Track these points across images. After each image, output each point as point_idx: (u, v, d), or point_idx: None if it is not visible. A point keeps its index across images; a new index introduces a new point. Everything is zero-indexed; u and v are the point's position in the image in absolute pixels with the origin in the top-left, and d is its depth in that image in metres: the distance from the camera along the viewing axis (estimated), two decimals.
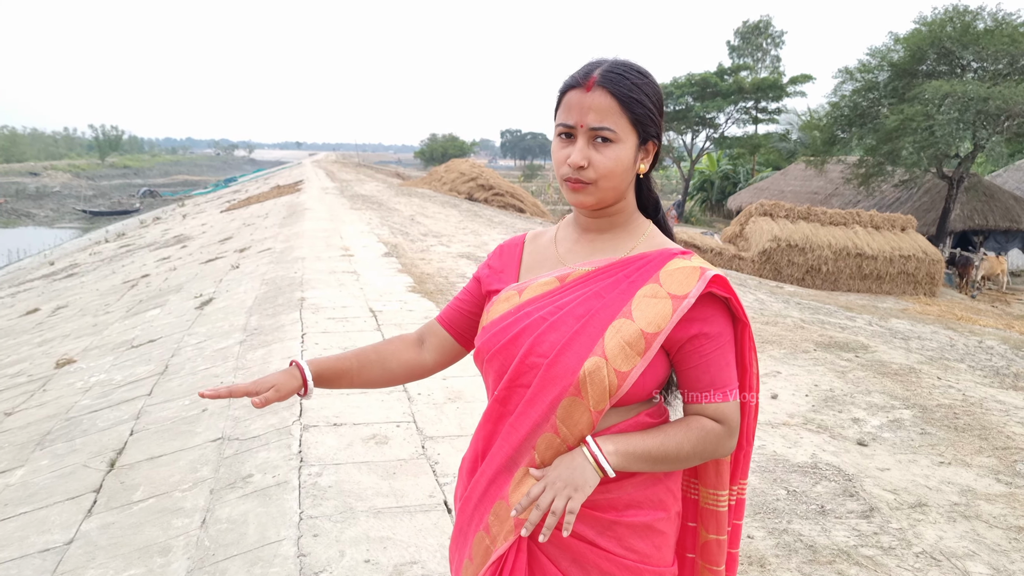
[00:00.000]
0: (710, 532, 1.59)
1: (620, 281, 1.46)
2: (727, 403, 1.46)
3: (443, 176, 31.98)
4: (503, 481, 1.49)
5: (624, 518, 1.45)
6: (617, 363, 1.39)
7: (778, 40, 51.06)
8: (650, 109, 1.46)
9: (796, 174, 33.07)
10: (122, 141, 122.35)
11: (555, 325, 1.44)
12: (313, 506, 3.37)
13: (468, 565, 1.55)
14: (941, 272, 17.99)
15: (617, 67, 1.45)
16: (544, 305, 1.49)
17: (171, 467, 4.05)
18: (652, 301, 1.42)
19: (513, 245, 1.73)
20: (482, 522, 1.51)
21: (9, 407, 5.92)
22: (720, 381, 1.45)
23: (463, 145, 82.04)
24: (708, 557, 1.61)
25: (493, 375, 1.54)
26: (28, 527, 3.67)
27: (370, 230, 14.42)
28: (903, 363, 6.63)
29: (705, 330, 1.43)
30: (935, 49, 22.51)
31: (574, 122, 1.44)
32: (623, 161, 1.45)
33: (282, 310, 7.19)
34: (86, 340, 7.97)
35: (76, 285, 14.33)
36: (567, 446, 1.43)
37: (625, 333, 1.40)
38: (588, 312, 1.44)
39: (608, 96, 1.43)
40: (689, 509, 1.63)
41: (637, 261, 1.49)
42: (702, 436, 1.44)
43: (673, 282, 1.43)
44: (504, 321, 1.52)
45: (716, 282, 1.43)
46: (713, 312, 1.45)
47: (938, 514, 3.67)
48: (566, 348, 1.41)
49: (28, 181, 66.62)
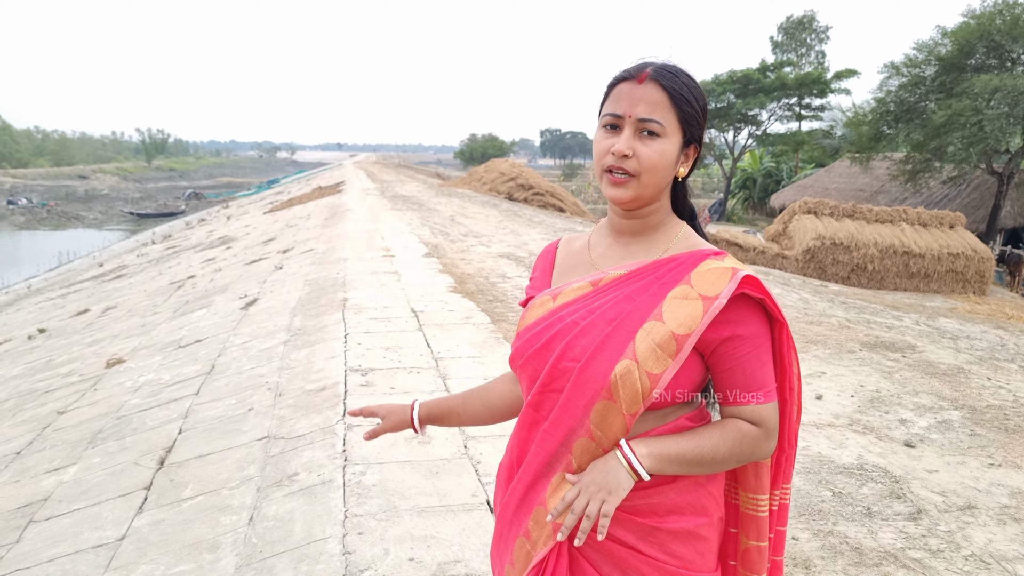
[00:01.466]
0: (751, 538, 1.55)
1: (651, 283, 1.45)
2: (763, 405, 1.43)
3: (483, 176, 32.05)
4: (541, 487, 1.49)
5: (666, 524, 1.44)
6: (648, 365, 1.38)
7: (822, 35, 50.39)
8: (697, 111, 1.46)
9: (841, 171, 32.60)
10: (168, 144, 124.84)
11: (586, 329, 1.44)
12: (358, 504, 3.41)
13: (510, 570, 1.56)
14: (991, 270, 17.62)
15: (669, 66, 1.46)
16: (576, 309, 1.49)
17: (219, 465, 4.12)
18: (683, 303, 1.40)
19: (546, 252, 1.74)
20: (522, 527, 1.52)
21: (62, 406, 6.07)
22: (756, 383, 1.43)
23: (502, 145, 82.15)
24: (749, 564, 1.57)
25: (527, 380, 1.54)
26: (82, 523, 3.76)
27: (411, 231, 14.52)
28: (951, 363, 6.51)
29: (738, 332, 1.41)
30: (984, 43, 22.06)
31: (623, 111, 1.44)
32: (667, 156, 1.44)
33: (325, 310, 7.28)
34: (135, 340, 8.14)
35: (124, 286, 14.63)
36: (603, 450, 1.43)
37: (656, 335, 1.39)
38: (619, 315, 1.43)
39: (660, 90, 1.43)
40: (730, 514, 1.60)
41: (669, 263, 1.47)
42: (738, 439, 1.42)
43: (704, 283, 1.40)
44: (537, 326, 1.52)
45: (748, 283, 1.39)
46: (747, 313, 1.42)
47: (988, 516, 3.60)
48: (597, 352, 1.41)
49: (77, 184, 68.25)
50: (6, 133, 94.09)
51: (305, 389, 5.07)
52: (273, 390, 5.19)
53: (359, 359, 5.58)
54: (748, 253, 17.57)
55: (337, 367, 5.41)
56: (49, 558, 3.45)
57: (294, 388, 5.14)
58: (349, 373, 5.25)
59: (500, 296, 8.33)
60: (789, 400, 1.50)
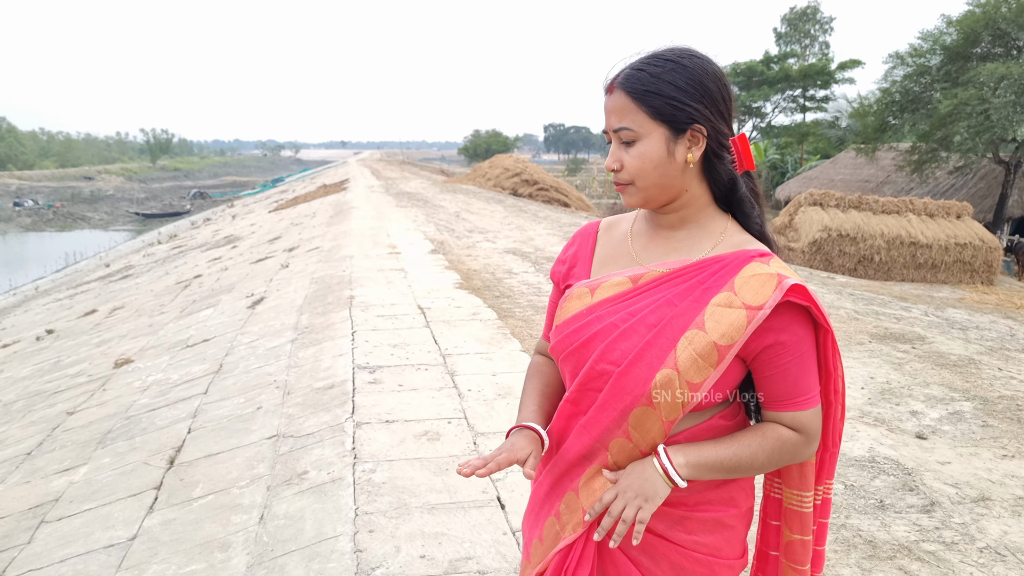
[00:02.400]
0: (794, 532, 1.56)
1: (694, 288, 1.42)
2: (805, 412, 1.42)
3: (487, 172, 32.03)
4: (575, 474, 1.52)
5: (695, 513, 1.46)
6: (689, 375, 1.37)
7: (826, 26, 50.10)
8: (672, 96, 1.40)
9: (846, 162, 32.48)
10: (172, 144, 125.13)
11: (626, 333, 1.42)
12: (368, 502, 3.40)
13: (537, 545, 1.59)
14: (999, 260, 17.54)
15: (638, 63, 1.44)
16: (616, 310, 1.47)
17: (228, 464, 4.12)
18: (726, 311, 1.37)
19: (587, 234, 1.70)
20: (553, 509, 1.55)
21: (71, 406, 6.08)
22: (798, 390, 1.41)
23: (506, 140, 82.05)
24: (792, 556, 1.58)
25: (568, 374, 1.56)
26: (93, 523, 3.76)
27: (416, 227, 14.51)
28: (962, 354, 6.47)
29: (782, 339, 1.38)
30: (990, 31, 21.93)
31: (606, 127, 1.47)
32: (649, 157, 1.42)
33: (332, 308, 7.27)
34: (142, 340, 8.15)
35: (131, 286, 14.66)
36: (640, 451, 1.44)
37: (697, 345, 1.36)
38: (660, 321, 1.41)
39: (623, 95, 1.42)
40: (772, 508, 1.62)
41: (713, 264, 1.43)
42: (778, 446, 1.42)
43: (748, 291, 1.37)
44: (577, 323, 1.51)
45: (795, 291, 1.35)
46: (790, 320, 1.38)
47: (1002, 508, 3.58)
48: (638, 359, 1.40)
49: (83, 185, 68.40)
50: (11, 135, 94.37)
51: (313, 387, 5.07)
52: (281, 388, 5.18)
53: (367, 356, 5.58)
54: None
55: (345, 365, 5.40)
56: (61, 558, 3.45)
57: (302, 386, 5.14)
58: (357, 371, 5.25)
59: (507, 292, 8.31)
60: (833, 402, 1.49)
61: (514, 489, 3.52)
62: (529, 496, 1.67)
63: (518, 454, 1.50)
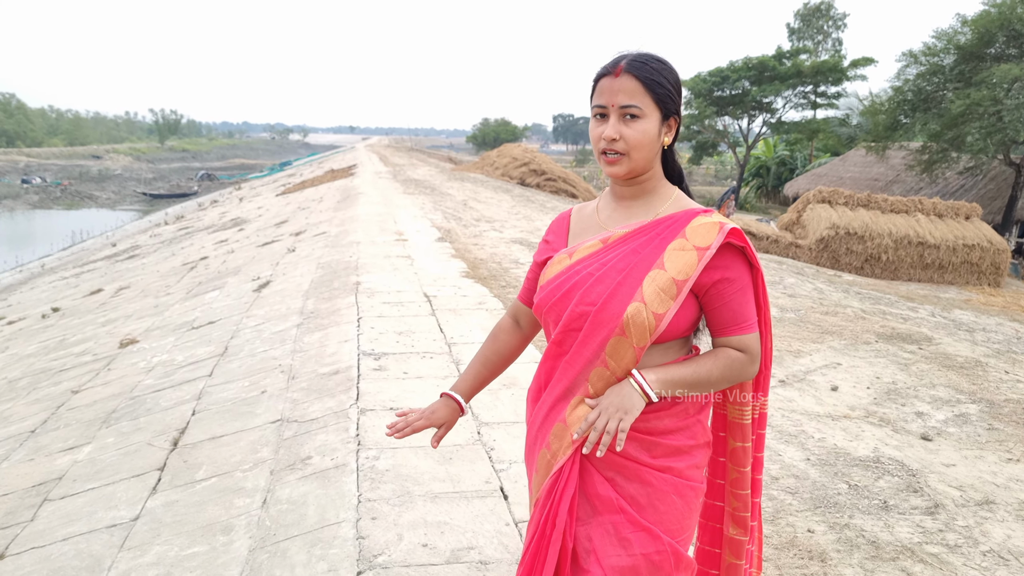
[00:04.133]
0: (736, 440, 1.90)
1: (653, 239, 1.73)
2: (748, 335, 1.74)
3: (495, 161, 31.94)
4: (561, 407, 1.78)
5: (662, 440, 1.73)
6: (654, 306, 1.66)
7: (840, 22, 49.87)
8: (669, 90, 1.73)
9: (856, 160, 32.34)
10: (181, 125, 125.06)
11: (600, 279, 1.72)
12: (371, 489, 3.40)
13: (535, 477, 1.84)
14: (1007, 262, 17.45)
15: (640, 57, 1.72)
16: (590, 263, 1.76)
17: (232, 447, 4.12)
18: (680, 253, 1.68)
19: (561, 218, 2.01)
20: (544, 441, 1.81)
21: (76, 385, 6.09)
22: (741, 316, 1.73)
23: (515, 130, 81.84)
24: (736, 460, 1.92)
25: (552, 323, 1.81)
26: (96, 503, 3.77)
27: (423, 215, 14.49)
28: (969, 356, 6.45)
29: (727, 275, 1.70)
30: (1005, 32, 21.77)
31: (606, 102, 1.72)
32: (649, 133, 1.71)
33: (338, 294, 7.27)
34: (148, 321, 8.16)
35: (137, 267, 14.68)
36: (616, 378, 1.71)
37: (659, 281, 1.66)
38: (627, 266, 1.71)
39: (634, 80, 1.70)
40: (719, 423, 1.94)
41: (666, 221, 1.75)
42: (728, 364, 1.73)
43: (697, 236, 1.69)
44: (558, 279, 1.79)
45: (733, 234, 1.69)
46: (732, 260, 1.71)
47: (1006, 512, 3.57)
48: (611, 297, 1.69)
49: (91, 164, 68.44)
50: (21, 112, 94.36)
51: (318, 372, 5.07)
52: (286, 373, 5.18)
53: (372, 343, 5.57)
54: (761, 242, 17.46)
55: (350, 351, 5.40)
56: (64, 537, 3.46)
57: (307, 371, 5.14)
58: (362, 357, 5.24)
59: (513, 282, 8.31)
60: (765, 332, 1.81)
61: (518, 480, 3.52)
62: (526, 434, 1.94)
63: (435, 421, 1.97)
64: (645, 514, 1.72)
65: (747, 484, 1.93)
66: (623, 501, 1.73)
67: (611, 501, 1.73)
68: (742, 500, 1.94)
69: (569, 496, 1.73)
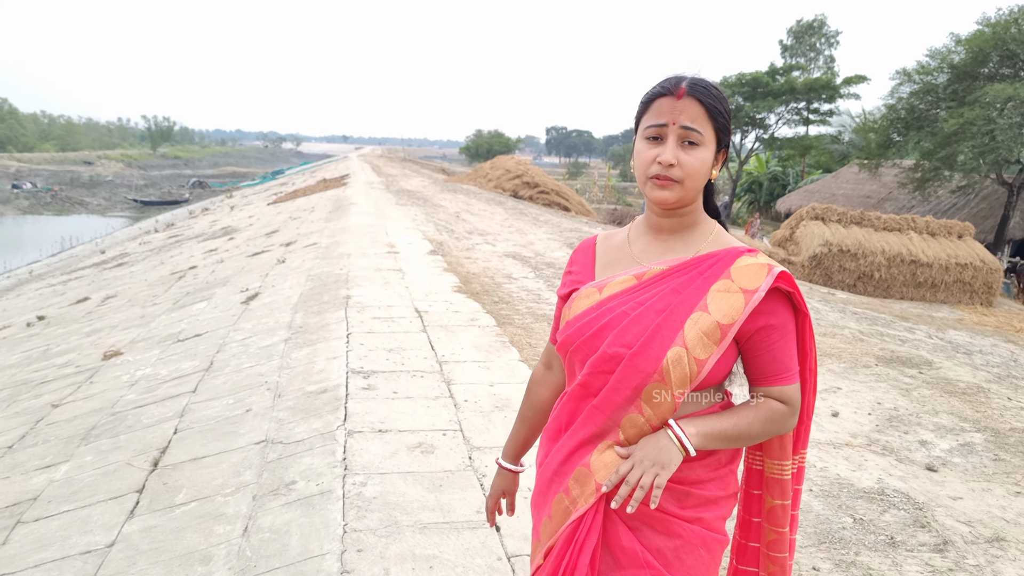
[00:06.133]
0: (775, 498, 1.76)
1: (695, 278, 1.60)
2: (790, 386, 1.63)
3: (488, 173, 31.90)
4: (585, 451, 1.65)
5: (694, 490, 1.61)
6: (696, 352, 1.54)
7: (832, 40, 50.11)
8: (727, 120, 1.63)
9: (848, 177, 32.37)
10: (173, 132, 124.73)
11: (637, 319, 1.59)
12: (357, 518, 3.26)
13: (547, 523, 1.71)
14: (999, 281, 17.42)
15: (700, 80, 1.61)
16: (625, 301, 1.63)
17: (214, 469, 3.97)
18: (725, 295, 1.57)
19: (586, 247, 1.87)
20: (562, 485, 1.67)
21: (57, 398, 5.93)
22: (784, 366, 1.62)
23: (508, 141, 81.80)
24: (774, 520, 1.77)
25: (577, 363, 1.68)
26: (71, 526, 3.62)
27: (415, 226, 14.36)
28: (970, 381, 6.34)
29: (771, 322, 1.59)
30: (998, 51, 21.81)
31: (666, 121, 1.59)
32: (706, 163, 1.60)
33: (327, 308, 7.12)
34: (133, 332, 8.00)
35: (125, 275, 14.49)
36: (651, 426, 1.59)
37: (703, 325, 1.55)
38: (667, 307, 1.58)
39: (698, 104, 1.58)
40: (754, 479, 1.81)
41: (708, 259, 1.63)
42: (769, 416, 1.61)
43: (744, 278, 1.58)
44: (587, 316, 1.66)
45: (782, 278, 1.58)
46: (778, 305, 1.60)
47: (1018, 550, 3.44)
48: (651, 339, 1.56)
49: (82, 170, 68.10)
50: (12, 117, 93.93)
51: (305, 391, 4.92)
52: (272, 390, 5.03)
53: (361, 360, 5.43)
54: None
55: (339, 368, 5.26)
56: (35, 563, 3.31)
57: (294, 389, 4.99)
58: (351, 375, 5.10)
59: (506, 298, 8.17)
60: (808, 380, 1.71)
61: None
62: (537, 475, 1.80)
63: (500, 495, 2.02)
64: (672, 570, 1.61)
65: (786, 546, 1.79)
66: (649, 555, 1.61)
67: (636, 555, 1.61)
68: (779, 564, 1.80)
69: (591, 547, 1.61)
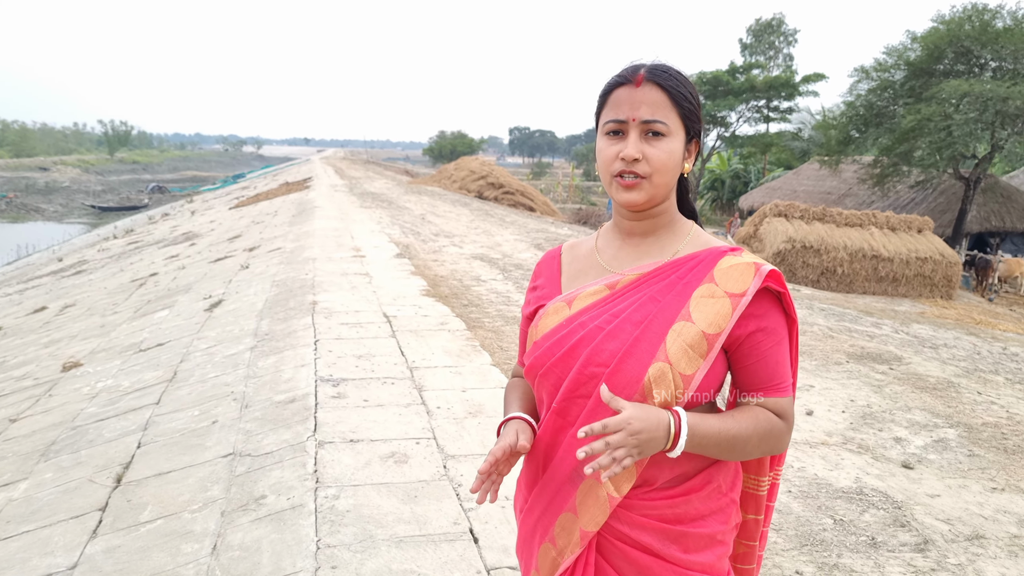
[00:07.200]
0: (749, 512, 1.61)
1: (674, 283, 1.42)
2: (786, 398, 1.44)
3: (453, 174, 31.81)
4: (567, 493, 1.46)
5: (692, 529, 1.43)
6: (681, 367, 1.36)
7: (791, 38, 50.72)
8: (694, 106, 1.45)
9: (809, 174, 32.72)
10: (131, 136, 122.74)
11: (613, 333, 1.40)
12: (331, 533, 3.16)
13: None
14: (958, 274, 17.69)
15: (661, 65, 1.45)
16: (598, 314, 1.44)
17: (180, 485, 3.84)
18: (710, 301, 1.39)
19: (550, 259, 1.68)
20: (547, 534, 1.50)
21: (14, 412, 5.74)
22: (779, 376, 1.43)
23: (471, 142, 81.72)
24: (745, 534, 1.63)
25: (548, 388, 1.49)
26: (31, 548, 3.47)
27: (381, 229, 14.22)
28: (940, 376, 6.37)
29: (763, 325, 1.41)
30: (953, 48, 22.17)
31: (625, 116, 1.42)
32: (675, 155, 1.43)
33: (294, 314, 6.99)
34: (93, 342, 7.79)
35: (84, 283, 14.17)
36: None
37: (687, 336, 1.37)
38: (645, 317, 1.40)
39: (659, 90, 1.42)
40: None
41: (688, 261, 1.45)
42: (767, 428, 1.41)
43: (729, 280, 1.40)
44: (557, 334, 1.47)
45: (772, 277, 1.41)
46: (769, 306, 1.42)
47: (997, 548, 3.43)
48: (628, 355, 1.38)
49: (38, 176, 66.67)
50: None
51: (273, 400, 4.80)
52: (239, 401, 4.90)
53: (330, 368, 5.32)
54: None
55: (307, 376, 5.14)
56: None
57: (261, 399, 4.86)
58: (320, 383, 4.99)
59: (475, 300, 8.09)
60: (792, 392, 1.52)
61: (488, 520, 3.30)
62: (519, 524, 1.62)
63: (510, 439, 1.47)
64: None
65: (753, 559, 1.67)
66: None
67: None
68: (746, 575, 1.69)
69: None
